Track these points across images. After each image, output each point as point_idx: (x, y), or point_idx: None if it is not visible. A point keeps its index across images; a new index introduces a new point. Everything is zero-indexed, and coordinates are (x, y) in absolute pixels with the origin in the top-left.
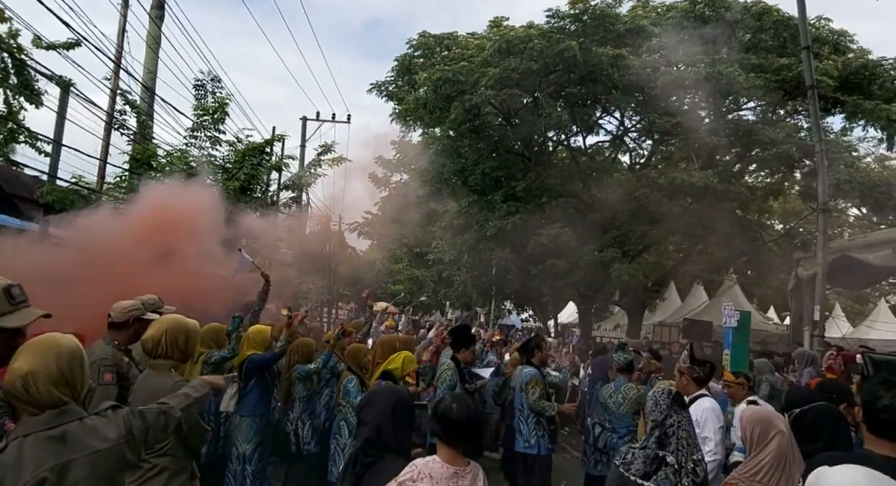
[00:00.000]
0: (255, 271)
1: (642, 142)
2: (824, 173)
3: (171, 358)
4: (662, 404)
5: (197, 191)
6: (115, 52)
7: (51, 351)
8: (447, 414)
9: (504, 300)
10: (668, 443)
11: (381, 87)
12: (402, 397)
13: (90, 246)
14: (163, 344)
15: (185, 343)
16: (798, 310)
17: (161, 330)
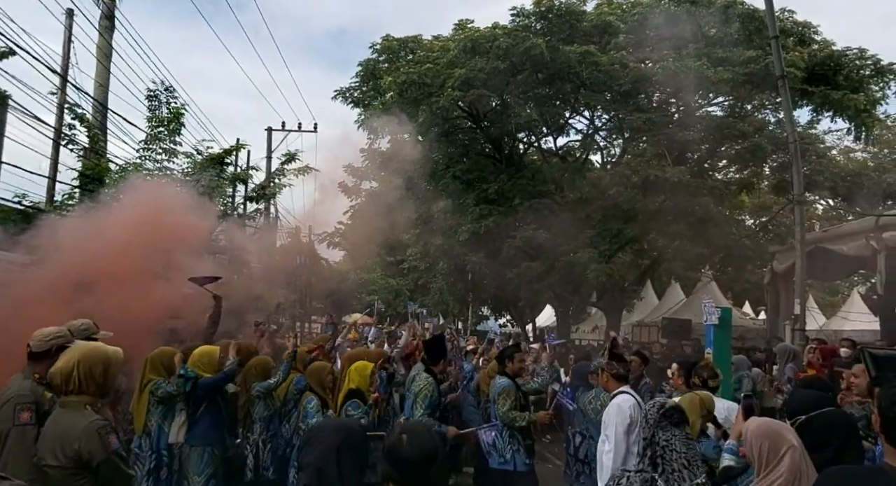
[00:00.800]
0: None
1: (613, 140)
2: (798, 164)
3: (86, 394)
4: (651, 419)
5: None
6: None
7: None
8: (395, 451)
9: (481, 306)
10: (658, 464)
11: (346, 93)
12: (350, 434)
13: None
14: (75, 377)
15: (103, 376)
16: (775, 304)
17: (72, 361)
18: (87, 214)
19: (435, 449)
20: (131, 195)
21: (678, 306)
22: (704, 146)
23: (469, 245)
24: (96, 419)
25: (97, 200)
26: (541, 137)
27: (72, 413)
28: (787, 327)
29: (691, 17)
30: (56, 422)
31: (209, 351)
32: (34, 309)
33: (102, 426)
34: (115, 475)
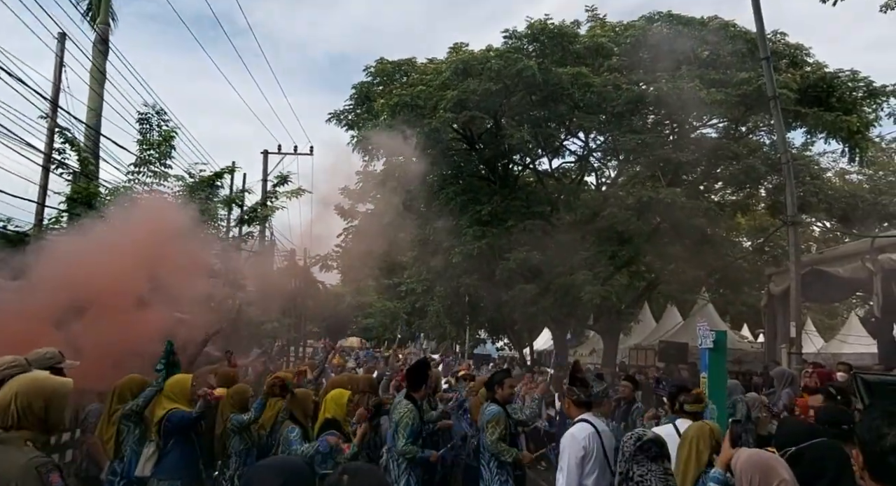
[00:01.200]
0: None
1: (608, 162)
2: (791, 184)
3: (26, 429)
4: (626, 452)
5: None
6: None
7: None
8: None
9: (478, 329)
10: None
11: (340, 116)
12: (293, 475)
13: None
14: (12, 411)
15: (44, 411)
16: (772, 327)
17: (9, 394)
18: (80, 235)
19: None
20: (125, 216)
21: (675, 329)
22: (700, 168)
23: (462, 267)
24: (36, 457)
25: (88, 223)
26: (536, 159)
27: (10, 450)
28: (783, 350)
29: (684, 39)
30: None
31: (181, 380)
32: (23, 333)
33: (43, 464)
34: None
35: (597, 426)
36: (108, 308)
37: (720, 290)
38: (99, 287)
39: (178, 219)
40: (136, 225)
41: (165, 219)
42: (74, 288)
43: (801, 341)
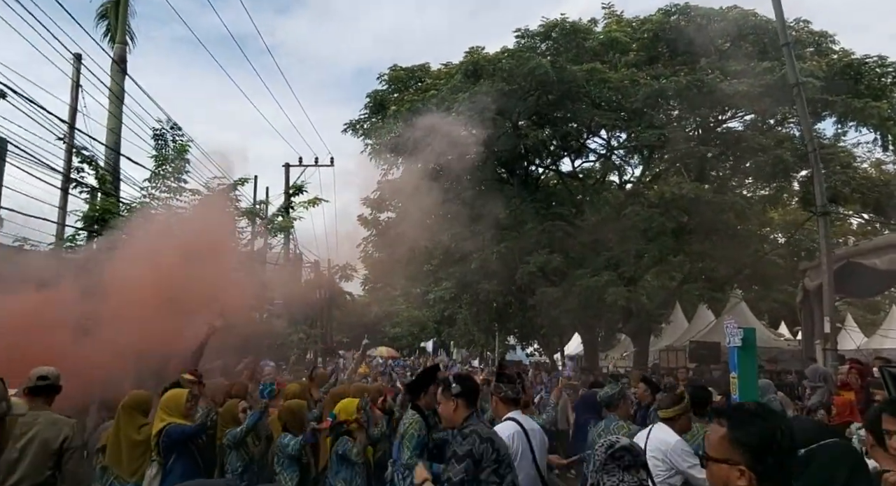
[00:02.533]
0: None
1: (630, 159)
2: (819, 173)
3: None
4: (597, 460)
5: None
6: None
7: None
8: None
9: (507, 336)
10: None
11: (356, 125)
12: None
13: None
14: None
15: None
16: (809, 323)
17: None
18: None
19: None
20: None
21: (708, 329)
22: (728, 163)
23: (482, 273)
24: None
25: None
26: (558, 160)
27: None
28: (818, 346)
29: (703, 31)
30: None
31: (176, 395)
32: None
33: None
34: None
35: (524, 424)
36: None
37: (754, 287)
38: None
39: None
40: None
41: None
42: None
43: (835, 336)
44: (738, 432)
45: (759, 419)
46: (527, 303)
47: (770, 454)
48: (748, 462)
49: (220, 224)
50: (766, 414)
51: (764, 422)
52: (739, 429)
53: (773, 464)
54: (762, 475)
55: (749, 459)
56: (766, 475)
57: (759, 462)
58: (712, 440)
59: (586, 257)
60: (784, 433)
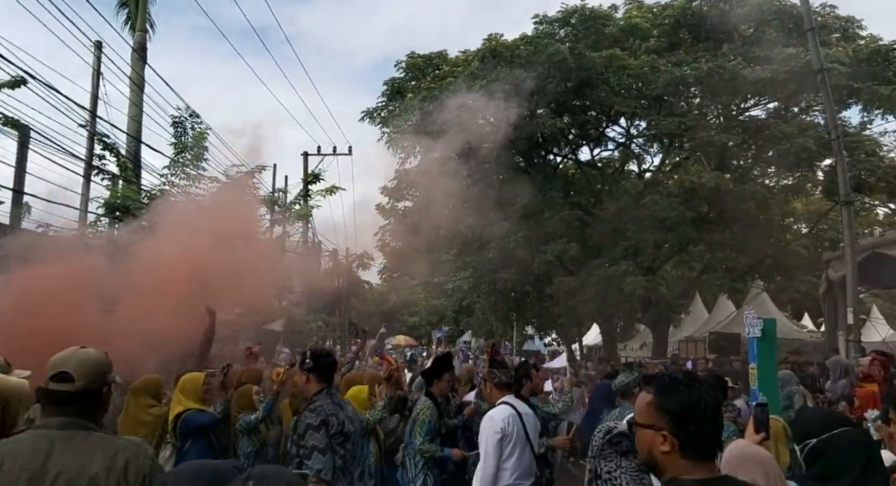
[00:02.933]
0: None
1: (649, 148)
2: (843, 161)
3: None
4: (595, 446)
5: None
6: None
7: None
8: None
9: (525, 326)
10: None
11: (373, 113)
12: (214, 479)
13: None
14: None
15: (1, 413)
16: (832, 314)
17: None
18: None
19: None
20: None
21: (728, 320)
22: (750, 152)
23: (499, 261)
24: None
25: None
26: (576, 149)
27: None
28: (840, 338)
29: (725, 16)
30: None
31: (193, 379)
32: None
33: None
34: None
35: (518, 408)
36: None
37: (776, 277)
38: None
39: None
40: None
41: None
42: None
43: (859, 328)
44: (663, 399)
45: (683, 387)
46: (544, 292)
47: (692, 421)
48: (671, 428)
49: (245, 208)
50: (691, 383)
51: (688, 390)
52: (664, 396)
53: (695, 431)
54: (684, 441)
55: (672, 425)
56: (688, 441)
57: (681, 429)
58: (640, 407)
59: (604, 246)
60: (707, 403)
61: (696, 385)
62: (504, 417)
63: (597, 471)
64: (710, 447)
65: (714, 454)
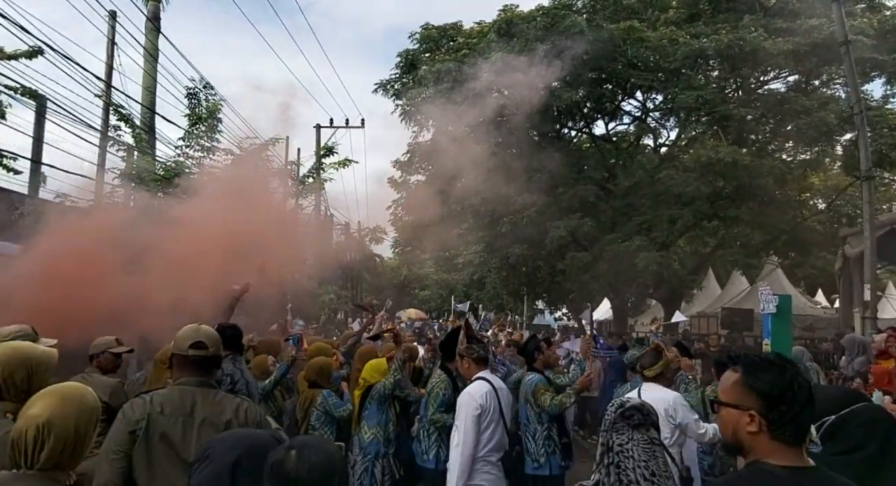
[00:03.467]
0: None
1: (666, 121)
2: (864, 136)
3: (7, 400)
4: (607, 420)
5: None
6: (104, 67)
7: (74, 405)
8: (281, 470)
9: (536, 300)
10: (619, 477)
11: (387, 85)
12: (253, 450)
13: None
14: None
15: (27, 380)
16: (847, 291)
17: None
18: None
19: (332, 466)
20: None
21: (741, 296)
22: (768, 126)
23: (512, 236)
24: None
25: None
26: (591, 123)
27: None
28: (856, 315)
29: None
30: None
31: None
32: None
33: None
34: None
35: (494, 383)
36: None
37: (790, 254)
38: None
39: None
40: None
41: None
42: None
43: (875, 304)
44: (751, 377)
45: (775, 367)
46: (556, 268)
47: (784, 402)
48: (760, 409)
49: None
50: (783, 364)
51: (780, 371)
52: (753, 375)
53: (786, 413)
54: (773, 422)
55: (761, 405)
56: (778, 423)
57: (771, 410)
58: (725, 385)
59: (618, 221)
60: (801, 386)
61: (789, 367)
62: (482, 393)
63: (609, 444)
64: (800, 432)
65: (803, 440)
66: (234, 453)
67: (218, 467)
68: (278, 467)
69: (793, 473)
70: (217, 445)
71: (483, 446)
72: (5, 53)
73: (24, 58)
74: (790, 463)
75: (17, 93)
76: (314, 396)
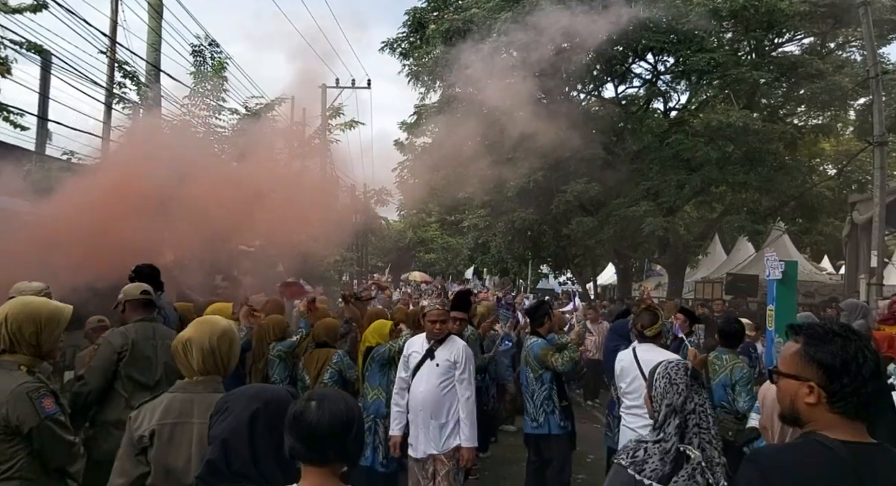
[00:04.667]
0: None
1: (676, 85)
2: (880, 101)
3: (19, 353)
4: (680, 383)
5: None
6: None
7: (207, 328)
8: (301, 421)
9: (540, 264)
10: (690, 434)
11: (394, 44)
12: (270, 402)
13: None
14: (4, 335)
15: (36, 336)
16: (854, 258)
17: (0, 318)
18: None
19: (350, 417)
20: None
21: (746, 262)
22: (781, 90)
23: (518, 201)
24: (27, 382)
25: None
26: (600, 86)
27: (1, 375)
28: (862, 281)
29: None
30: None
31: (223, 308)
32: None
33: (34, 389)
34: (50, 441)
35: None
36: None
37: (797, 220)
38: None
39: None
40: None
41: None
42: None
43: (882, 271)
44: (812, 348)
45: (838, 339)
46: (561, 232)
47: (846, 374)
48: (820, 380)
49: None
50: (847, 335)
51: (844, 341)
52: (815, 346)
53: (849, 386)
54: (834, 394)
55: (822, 377)
56: (839, 396)
57: (832, 382)
58: (785, 356)
59: (625, 186)
60: (867, 358)
61: (854, 338)
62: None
63: (682, 405)
64: (862, 407)
65: (867, 415)
66: (252, 405)
67: (237, 418)
68: (300, 417)
69: (849, 447)
70: (236, 398)
71: None
72: (10, 7)
73: (29, 12)
74: (848, 438)
75: (23, 47)
76: (329, 355)
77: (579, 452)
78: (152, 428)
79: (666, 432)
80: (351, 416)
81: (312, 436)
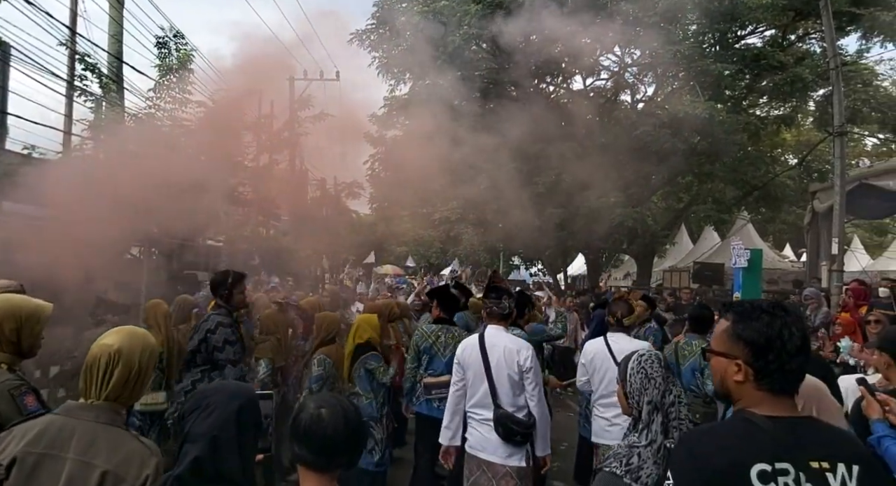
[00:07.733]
0: None
1: (643, 77)
2: (839, 92)
3: (0, 351)
4: (657, 376)
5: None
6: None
7: (139, 342)
8: (313, 429)
9: (512, 256)
10: (671, 428)
11: (363, 36)
12: (252, 398)
13: None
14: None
15: (15, 333)
16: (815, 245)
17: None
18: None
19: (359, 425)
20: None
21: (713, 250)
22: (744, 82)
23: (490, 193)
24: (8, 380)
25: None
26: (569, 78)
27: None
28: (823, 268)
29: None
30: None
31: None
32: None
33: (15, 387)
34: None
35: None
36: None
37: (760, 209)
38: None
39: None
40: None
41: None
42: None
43: (842, 258)
44: (739, 325)
45: (765, 316)
46: (533, 224)
47: (771, 351)
48: (747, 358)
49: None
50: (774, 311)
51: (770, 319)
52: (742, 323)
53: (774, 362)
54: (759, 371)
55: (748, 354)
56: (765, 372)
57: (758, 359)
58: (716, 334)
59: (594, 177)
60: (792, 334)
61: (780, 314)
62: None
63: (661, 400)
64: (789, 382)
65: (794, 389)
66: (235, 401)
67: (224, 414)
68: (314, 426)
69: (775, 422)
70: (215, 394)
71: (469, 399)
72: None
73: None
74: (775, 413)
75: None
76: (339, 351)
77: (553, 440)
78: (14, 455)
79: (652, 431)
80: (359, 424)
81: (326, 446)
